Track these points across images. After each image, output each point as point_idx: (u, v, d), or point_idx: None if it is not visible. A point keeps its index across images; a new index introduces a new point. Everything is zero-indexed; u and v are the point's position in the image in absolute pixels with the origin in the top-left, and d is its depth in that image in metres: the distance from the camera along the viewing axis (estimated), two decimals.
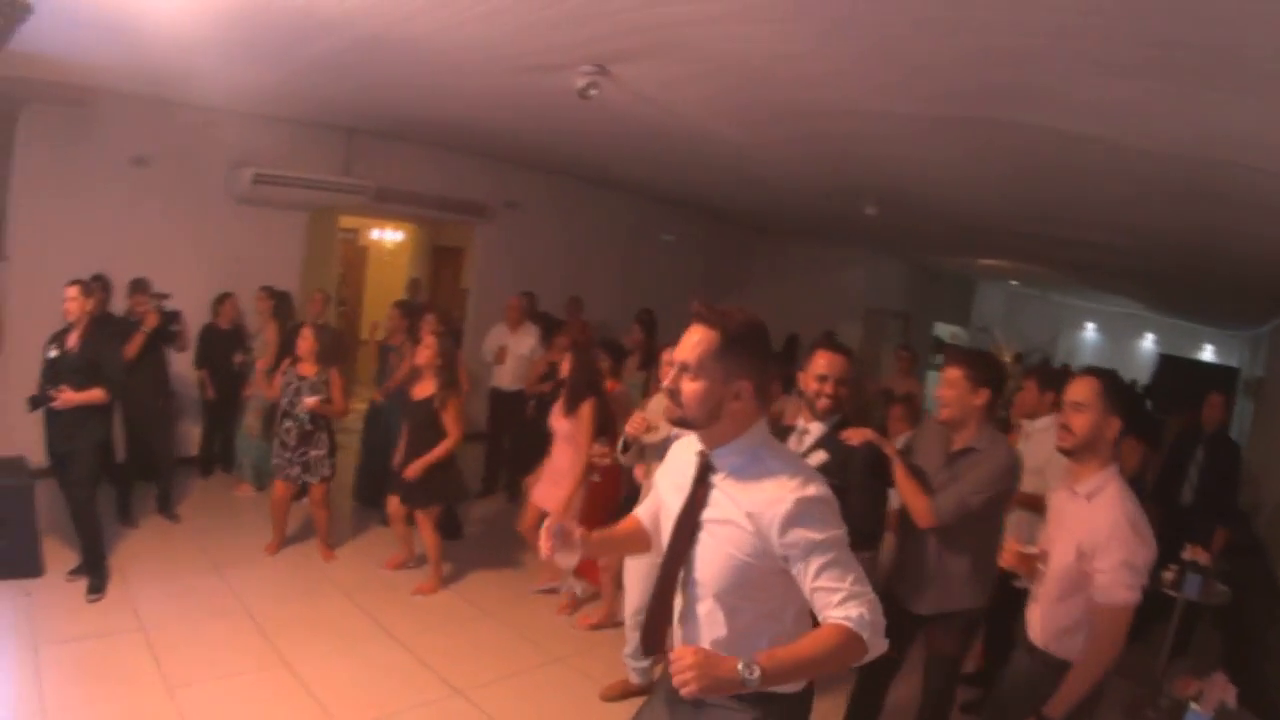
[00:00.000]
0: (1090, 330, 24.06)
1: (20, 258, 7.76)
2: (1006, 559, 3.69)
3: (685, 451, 2.71)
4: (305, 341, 6.82)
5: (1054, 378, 5.90)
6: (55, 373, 5.90)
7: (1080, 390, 3.49)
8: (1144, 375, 20.60)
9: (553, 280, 12.13)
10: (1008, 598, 4.46)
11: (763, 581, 2.43)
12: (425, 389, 6.64)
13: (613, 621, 6.37)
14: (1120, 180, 6.30)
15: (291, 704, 4.99)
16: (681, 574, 2.56)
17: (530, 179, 12.10)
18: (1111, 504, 3.35)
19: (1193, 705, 4.41)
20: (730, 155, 8.14)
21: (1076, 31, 3.60)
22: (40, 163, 7.80)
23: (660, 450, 4.72)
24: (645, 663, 5.32)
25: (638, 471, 5.61)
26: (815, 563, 2.31)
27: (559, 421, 6.38)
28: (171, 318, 7.69)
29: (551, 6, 4.43)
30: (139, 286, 7.57)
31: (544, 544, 2.63)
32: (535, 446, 7.31)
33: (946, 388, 4.16)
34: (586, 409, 6.23)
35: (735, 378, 2.42)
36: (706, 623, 2.52)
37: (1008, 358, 12.83)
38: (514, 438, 9.47)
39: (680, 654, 2.20)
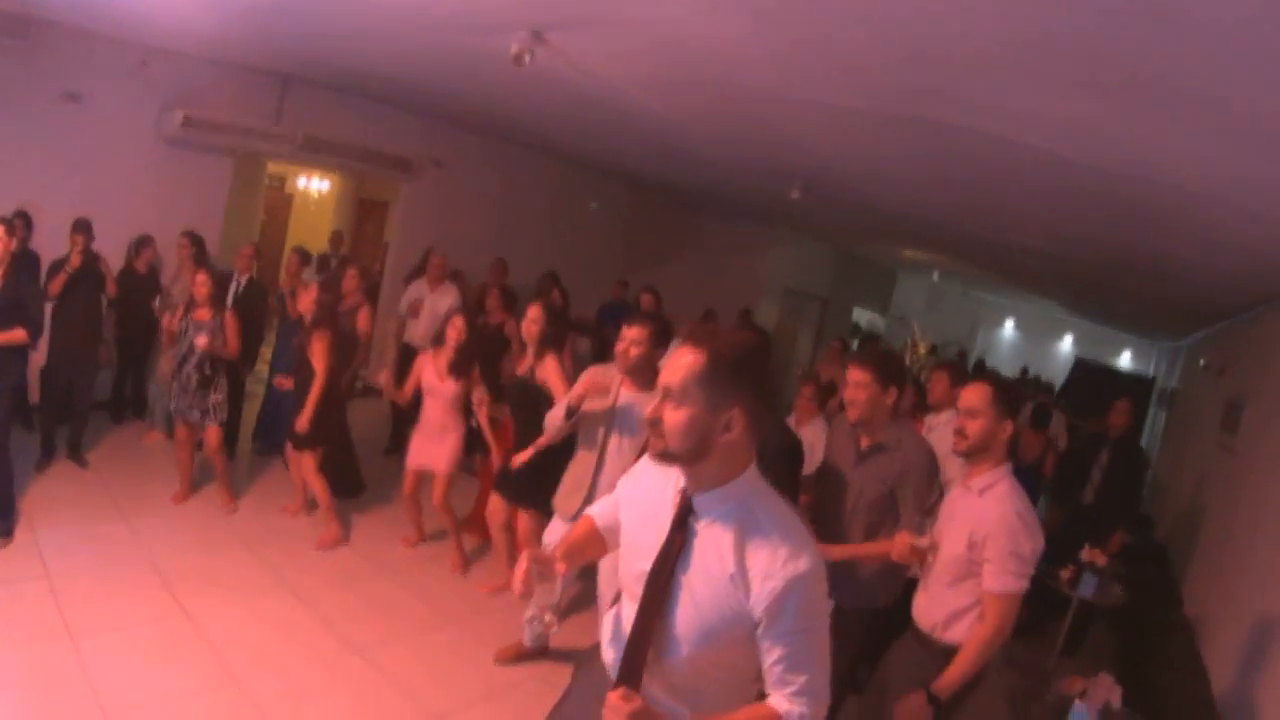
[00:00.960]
0: (1009, 328, 24.48)
1: None
2: (898, 551, 3.81)
3: (658, 476, 2.49)
4: (202, 287, 6.83)
5: (964, 374, 6.14)
6: None
7: (973, 397, 3.64)
8: (1060, 376, 21.05)
9: (475, 240, 12.17)
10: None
11: (737, 645, 2.25)
12: (305, 337, 6.79)
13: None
14: (1051, 190, 6.41)
15: (192, 657, 5.03)
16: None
17: (460, 138, 12.09)
18: (1002, 498, 3.53)
19: (1077, 701, 4.67)
20: (661, 130, 8.18)
21: (1019, 43, 3.68)
22: None
23: (600, 418, 4.87)
24: (540, 629, 5.39)
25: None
26: (783, 647, 2.18)
27: (436, 380, 6.48)
28: (94, 259, 7.60)
29: None
30: (80, 227, 7.47)
31: (519, 578, 2.41)
32: None
33: (856, 389, 4.29)
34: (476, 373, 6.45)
35: (725, 406, 2.19)
36: (668, 668, 2.35)
37: (923, 349, 13.05)
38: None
39: (615, 703, 2.14)
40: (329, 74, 9.51)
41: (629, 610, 2.44)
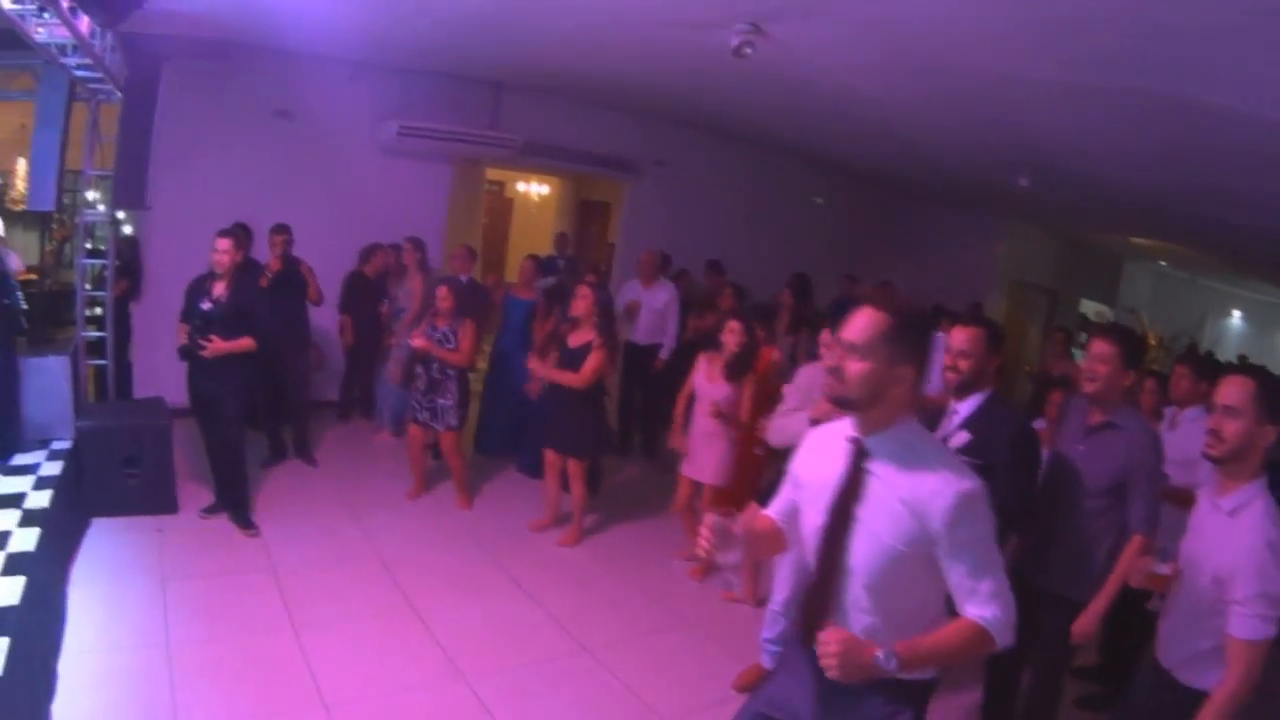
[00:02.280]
0: (1236, 318, 22.70)
1: (162, 207, 7.86)
2: (1137, 578, 3.48)
3: (828, 441, 2.68)
4: (444, 301, 6.86)
5: (1210, 368, 5.55)
6: (206, 323, 5.95)
7: (1233, 393, 3.09)
8: None
9: (699, 239, 11.91)
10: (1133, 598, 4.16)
11: (913, 570, 2.42)
12: (582, 337, 6.62)
13: (754, 601, 6.12)
14: None
15: (417, 653, 4.97)
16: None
17: (679, 136, 11.90)
18: (1255, 524, 2.98)
19: None
20: (882, 118, 7.98)
21: (1266, 9, 3.43)
22: (183, 116, 7.91)
23: None
24: (782, 647, 5.06)
25: None
26: (963, 558, 2.35)
27: (712, 384, 6.16)
28: (294, 263, 7.74)
29: None
30: (279, 230, 7.60)
31: (703, 541, 2.60)
32: (667, 401, 7.23)
33: (1098, 362, 3.97)
34: (751, 380, 6.07)
35: (900, 363, 2.41)
36: (855, 610, 2.51)
37: (1153, 341, 12.14)
38: (645, 393, 9.38)
39: (827, 638, 2.28)
40: (541, 78, 9.58)
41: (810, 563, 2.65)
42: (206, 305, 6.01)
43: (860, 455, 2.50)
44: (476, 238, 11.62)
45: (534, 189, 16.03)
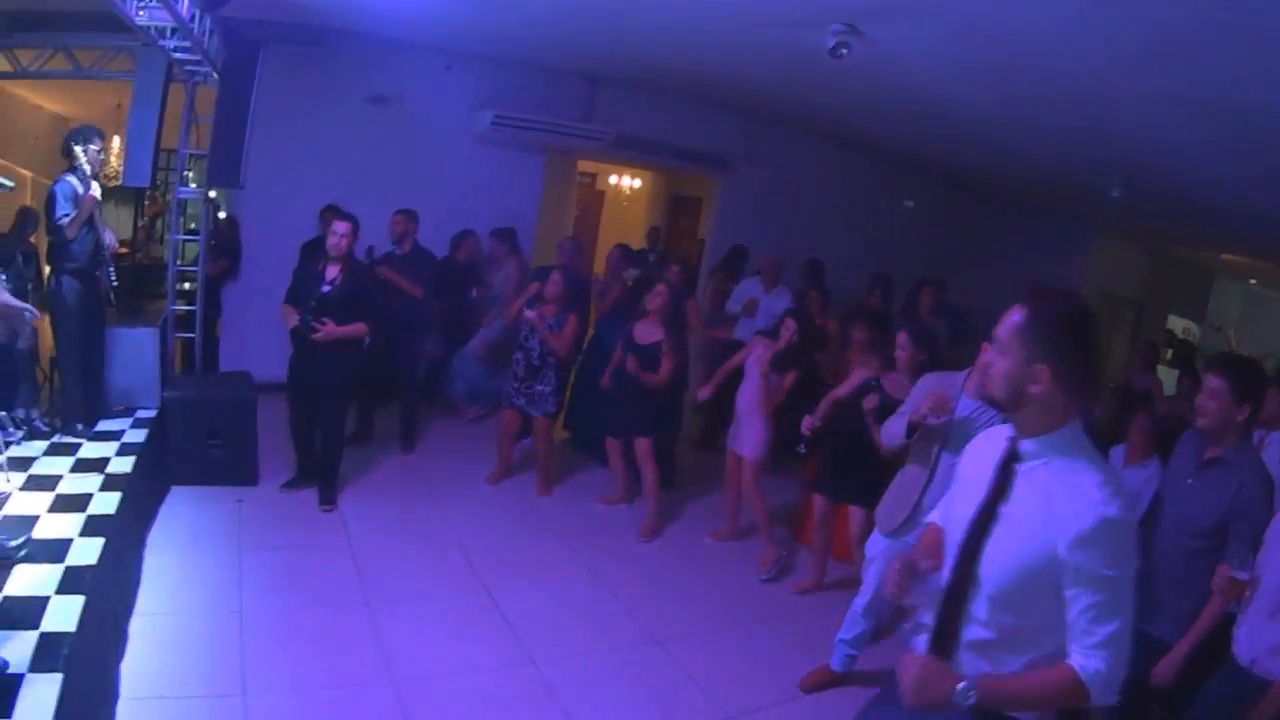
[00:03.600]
0: None
1: (254, 189, 7.92)
2: (1218, 582, 3.48)
3: (990, 443, 2.59)
4: (555, 287, 6.81)
5: None
6: (322, 307, 5.97)
7: None
8: None
9: (789, 237, 11.70)
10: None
11: (1038, 590, 2.26)
12: (649, 335, 6.64)
13: (818, 586, 6.11)
14: None
15: (488, 634, 4.97)
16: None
17: (771, 133, 11.75)
18: None
19: None
20: (976, 122, 7.83)
21: None
22: (278, 99, 7.96)
23: (936, 434, 4.50)
24: (856, 651, 4.94)
25: None
26: (1088, 596, 2.17)
27: (756, 366, 6.28)
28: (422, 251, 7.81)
29: None
30: (410, 217, 7.72)
31: (891, 585, 2.61)
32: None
33: (1208, 397, 3.83)
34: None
35: (1035, 360, 2.28)
36: (974, 622, 2.40)
37: None
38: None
39: (909, 662, 2.29)
40: (637, 72, 9.53)
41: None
42: (325, 288, 6.03)
43: (1012, 457, 2.42)
44: (567, 229, 11.62)
45: (626, 182, 16.02)
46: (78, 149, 5.58)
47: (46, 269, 6.85)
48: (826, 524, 5.97)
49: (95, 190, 5.69)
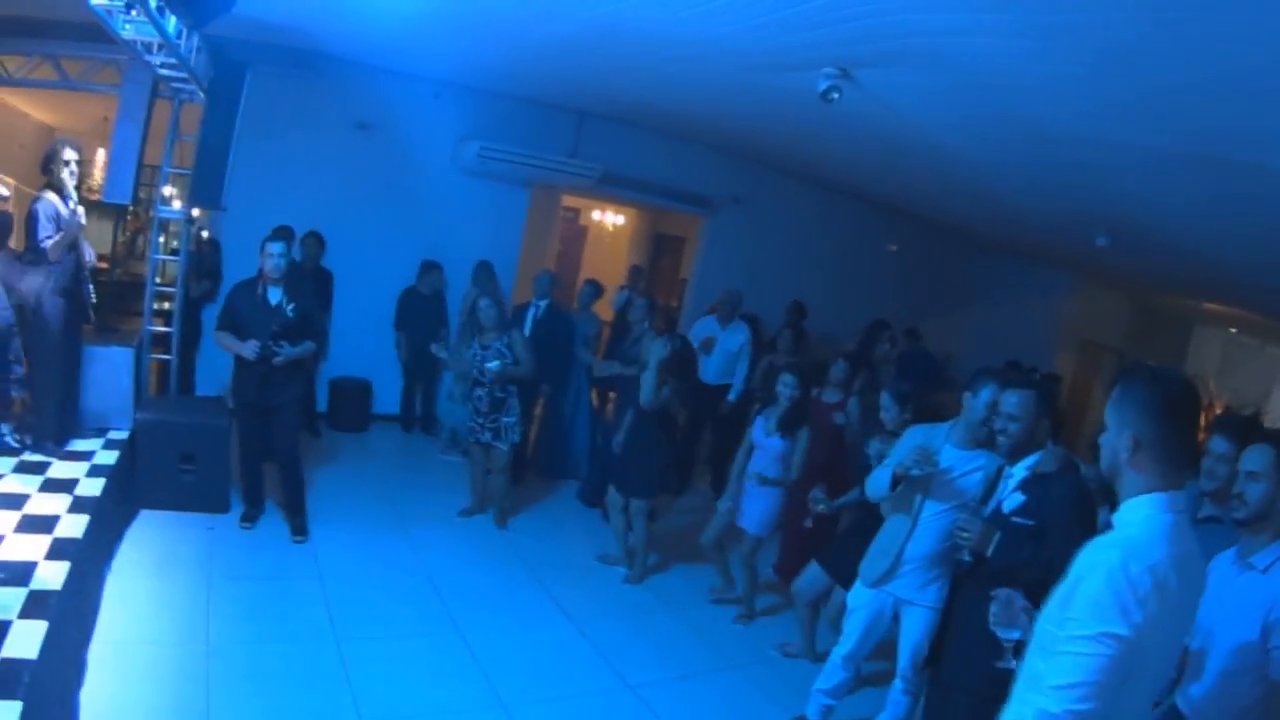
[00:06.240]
0: None
1: (236, 210, 7.88)
2: None
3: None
4: (483, 313, 6.86)
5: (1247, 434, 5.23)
6: (283, 330, 5.93)
7: (1256, 459, 3.05)
8: None
9: (773, 279, 11.73)
10: None
11: None
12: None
13: (811, 656, 5.75)
14: None
15: (458, 675, 4.88)
16: None
17: (757, 175, 11.80)
18: None
19: None
20: (964, 171, 7.89)
21: None
22: (264, 121, 7.89)
23: (919, 485, 4.42)
24: (833, 702, 4.84)
25: None
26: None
27: (767, 438, 6.03)
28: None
29: (781, 9, 4.45)
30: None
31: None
32: (735, 441, 6.94)
33: (1219, 462, 3.60)
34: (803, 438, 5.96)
35: (1124, 429, 2.34)
36: None
37: (1219, 411, 11.86)
38: (714, 432, 9.25)
39: None
40: (625, 110, 9.54)
41: None
42: (289, 312, 5.98)
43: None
44: (550, 263, 11.65)
45: (609, 218, 15.97)
46: (55, 166, 5.56)
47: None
48: (819, 601, 5.73)
49: (80, 214, 5.65)
